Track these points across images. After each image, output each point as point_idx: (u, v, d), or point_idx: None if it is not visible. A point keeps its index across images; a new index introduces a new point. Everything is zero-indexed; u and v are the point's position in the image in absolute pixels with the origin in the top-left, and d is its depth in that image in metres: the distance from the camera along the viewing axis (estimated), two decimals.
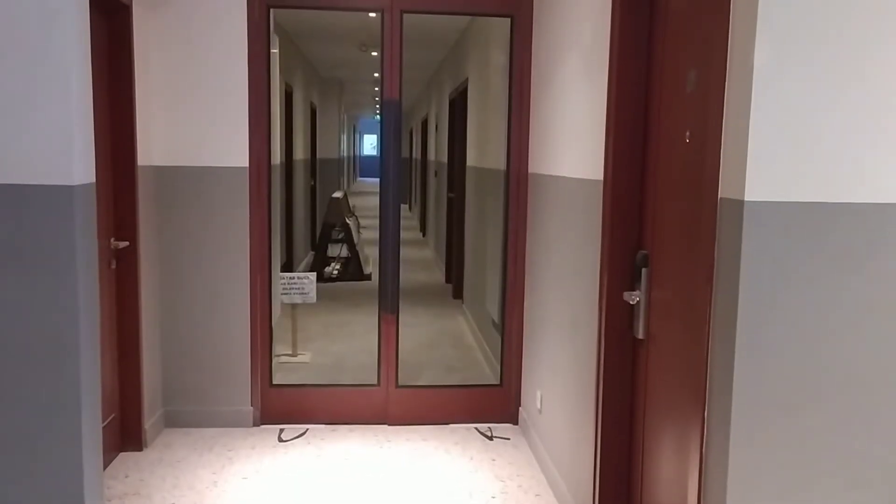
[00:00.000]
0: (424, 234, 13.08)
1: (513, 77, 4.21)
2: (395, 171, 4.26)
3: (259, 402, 4.26)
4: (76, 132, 1.83)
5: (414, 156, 16.10)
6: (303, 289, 5.53)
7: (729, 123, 1.85)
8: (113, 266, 3.64)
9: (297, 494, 3.49)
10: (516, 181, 4.26)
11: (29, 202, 1.79)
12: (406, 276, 9.34)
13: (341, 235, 9.03)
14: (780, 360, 1.80)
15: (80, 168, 1.84)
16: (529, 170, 4.17)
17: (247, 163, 4.07)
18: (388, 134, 4.24)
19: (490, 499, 3.48)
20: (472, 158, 6.71)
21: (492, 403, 4.41)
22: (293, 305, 5.48)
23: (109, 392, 3.63)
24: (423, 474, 3.74)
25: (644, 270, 2.64)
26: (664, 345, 2.52)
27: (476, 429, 4.33)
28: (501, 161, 4.49)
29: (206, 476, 3.64)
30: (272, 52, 4.26)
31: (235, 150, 4.05)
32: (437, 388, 4.49)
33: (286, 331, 5.61)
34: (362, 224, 9.90)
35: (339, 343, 6.04)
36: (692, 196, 2.23)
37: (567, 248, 3.38)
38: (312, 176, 10.49)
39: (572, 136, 3.30)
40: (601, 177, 2.83)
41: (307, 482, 3.62)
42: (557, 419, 3.52)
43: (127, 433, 3.81)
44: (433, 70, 9.90)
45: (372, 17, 4.29)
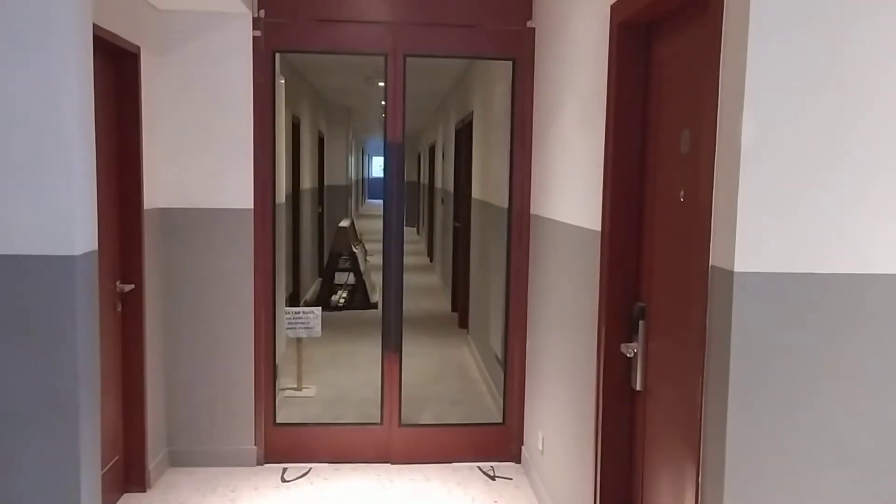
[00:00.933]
0: (432, 259, 13.12)
1: (514, 117, 4.25)
2: (399, 216, 4.29)
3: (262, 441, 4.28)
4: (78, 203, 1.87)
5: (422, 180, 16.20)
6: (308, 323, 5.57)
7: (718, 195, 1.88)
8: (119, 309, 3.69)
9: None
10: (518, 220, 4.29)
11: (31, 272, 1.83)
12: (412, 304, 9.37)
13: (348, 264, 9.08)
14: (771, 421, 1.82)
15: (82, 237, 1.88)
16: (531, 210, 4.20)
17: (251, 204, 4.13)
18: (392, 177, 4.29)
19: None
20: (476, 191, 6.75)
21: (494, 442, 4.42)
22: (299, 338, 5.51)
23: (113, 434, 3.67)
24: None
25: (641, 323, 2.65)
26: (661, 398, 2.53)
27: (479, 468, 4.34)
28: (504, 198, 4.53)
29: None
30: (279, 82, 4.32)
31: (240, 192, 4.10)
32: (441, 427, 4.50)
33: (292, 362, 5.64)
34: (370, 249, 9.95)
35: (345, 375, 6.06)
36: (686, 256, 2.25)
37: (566, 294, 3.40)
38: (320, 203, 10.56)
39: (572, 183, 3.34)
40: (599, 227, 2.85)
41: None
42: (558, 462, 3.53)
43: (130, 474, 3.84)
44: (440, 99, 9.97)
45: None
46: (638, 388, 2.67)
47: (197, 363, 4.17)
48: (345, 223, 9.63)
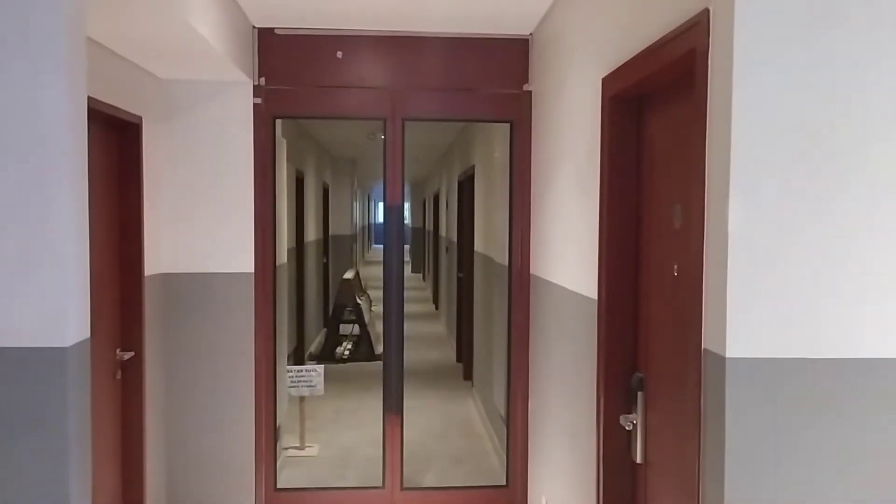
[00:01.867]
0: (437, 307, 13.10)
1: (513, 178, 4.29)
2: (398, 279, 4.31)
3: None
4: (71, 294, 1.88)
5: (427, 227, 16.26)
6: (310, 381, 5.55)
7: (709, 276, 1.88)
8: (118, 377, 3.68)
9: None
10: (518, 279, 4.29)
11: (20, 365, 1.83)
12: (417, 354, 9.33)
13: (352, 316, 9.07)
14: (768, 500, 1.79)
15: (75, 327, 1.89)
16: (531, 270, 4.21)
17: (252, 268, 4.14)
18: (392, 237, 4.31)
19: None
20: (479, 244, 6.77)
21: None
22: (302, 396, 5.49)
23: (112, 501, 3.63)
24: None
25: (640, 394, 2.63)
26: (662, 471, 2.50)
27: None
28: (505, 256, 4.54)
29: None
30: (280, 144, 4.37)
31: (241, 256, 4.13)
32: (443, 490, 4.45)
33: (295, 420, 5.61)
34: (375, 296, 9.94)
35: (348, 433, 6.01)
36: (680, 332, 2.24)
37: (566, 359, 3.39)
38: (325, 254, 10.59)
39: (569, 248, 3.34)
40: (595, 296, 2.85)
41: None
42: None
43: None
44: (444, 149, 10.06)
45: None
46: (638, 460, 2.64)
47: (197, 428, 4.15)
48: (349, 275, 9.65)
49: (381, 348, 7.82)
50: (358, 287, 9.73)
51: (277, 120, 4.22)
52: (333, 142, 9.82)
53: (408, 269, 19.13)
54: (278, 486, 4.33)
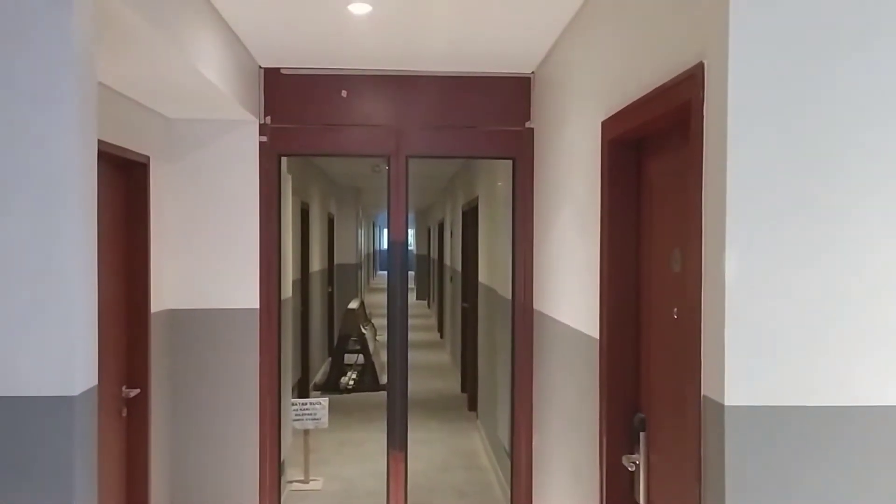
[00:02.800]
0: (442, 335, 13.10)
1: (516, 214, 4.33)
2: (403, 311, 4.33)
3: None
4: (78, 343, 1.91)
5: (432, 255, 16.31)
6: (315, 414, 5.56)
7: (707, 323, 1.90)
8: (124, 414, 3.71)
9: None
10: (521, 313, 4.31)
11: (28, 414, 1.85)
12: (422, 384, 9.31)
13: (357, 346, 9.08)
14: None
15: (82, 375, 1.92)
16: (535, 306, 4.23)
17: (257, 303, 4.18)
18: (396, 273, 4.34)
19: None
20: (483, 276, 6.79)
21: None
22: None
23: None
24: None
25: (642, 434, 2.64)
26: None
27: None
28: (508, 290, 4.56)
29: None
30: (285, 179, 4.42)
31: (247, 292, 4.17)
32: None
33: (299, 452, 5.61)
34: (379, 324, 9.96)
35: (352, 466, 6.00)
36: (680, 376, 2.26)
37: (569, 397, 3.40)
38: (330, 283, 10.64)
39: (571, 286, 3.37)
40: (597, 335, 2.87)
41: None
42: None
43: None
44: (448, 178, 10.13)
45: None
46: (641, 501, 2.64)
47: (202, 463, 4.16)
48: (354, 304, 9.67)
49: (385, 378, 7.84)
50: (362, 316, 9.76)
51: (283, 158, 4.28)
52: (338, 172, 9.91)
53: (412, 296, 19.16)
54: None
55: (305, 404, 5.52)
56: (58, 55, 1.92)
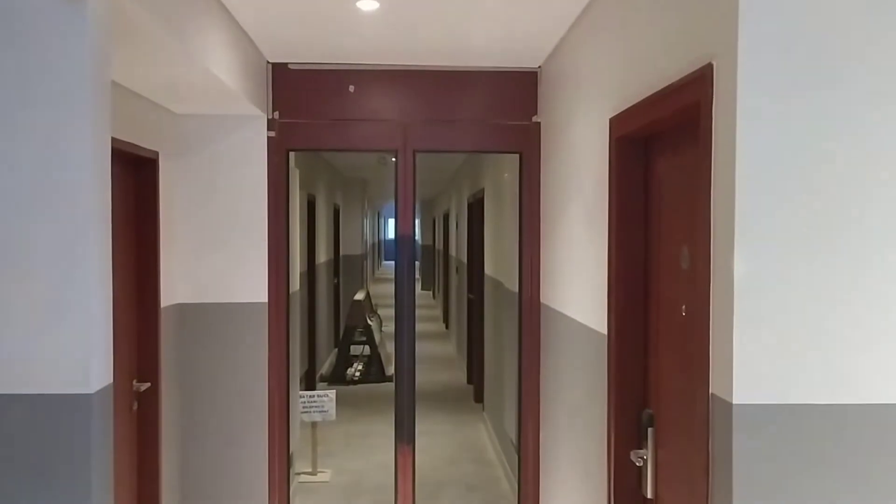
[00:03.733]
0: (447, 326, 13.13)
1: (523, 208, 4.34)
2: (410, 307, 4.35)
3: None
4: (96, 342, 1.93)
5: (437, 245, 16.32)
6: (322, 406, 5.59)
7: (715, 321, 1.92)
8: (134, 408, 3.74)
9: None
10: (528, 307, 4.33)
11: (45, 412, 1.88)
12: (428, 376, 9.33)
13: (363, 337, 9.12)
14: None
15: (98, 374, 1.95)
16: (542, 300, 4.25)
17: (266, 297, 4.21)
18: (403, 267, 4.36)
19: None
20: (489, 268, 6.81)
21: None
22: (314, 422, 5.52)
23: None
24: None
25: (650, 430, 2.66)
26: None
27: None
28: (515, 283, 4.58)
29: None
30: (293, 174, 4.44)
31: (256, 286, 4.19)
32: None
33: (307, 444, 5.65)
34: (385, 314, 9.98)
35: (360, 458, 6.04)
36: (688, 373, 2.28)
37: (577, 392, 3.42)
38: (335, 274, 10.67)
39: (578, 281, 3.39)
40: (605, 331, 2.89)
41: None
42: None
43: None
44: (454, 169, 10.12)
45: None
46: (649, 496, 2.66)
47: (212, 457, 4.20)
48: (359, 296, 9.70)
49: (391, 369, 7.89)
50: (368, 308, 9.78)
51: (291, 152, 4.29)
52: (345, 164, 9.92)
53: (418, 286, 19.19)
54: None
55: (313, 397, 5.54)
56: (73, 54, 1.93)
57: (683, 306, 2.38)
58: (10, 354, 1.92)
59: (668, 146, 2.53)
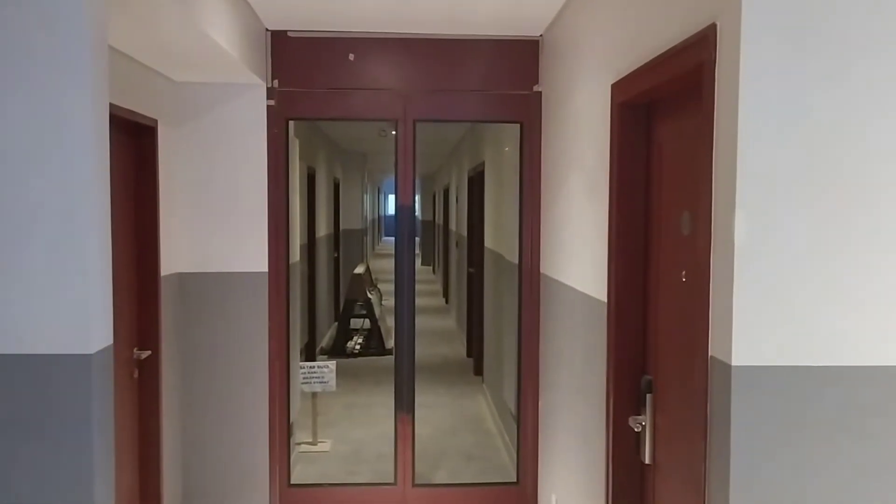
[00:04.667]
0: (447, 301, 13.15)
1: (523, 178, 4.32)
2: (410, 279, 4.35)
3: (277, 502, 4.31)
4: (95, 303, 1.94)
5: (437, 220, 16.30)
6: (322, 377, 5.61)
7: (715, 285, 1.92)
8: (135, 376, 3.76)
9: None
10: (528, 278, 4.33)
11: (45, 372, 1.89)
12: (428, 349, 9.37)
13: (363, 310, 9.14)
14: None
15: (98, 334, 1.95)
16: (542, 270, 4.25)
17: (266, 267, 4.21)
18: (403, 238, 4.36)
19: None
20: (489, 241, 6.81)
21: (508, 502, 4.41)
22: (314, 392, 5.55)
23: (129, 499, 3.71)
24: None
25: (649, 396, 2.67)
26: (670, 472, 2.54)
27: None
28: (515, 254, 4.58)
29: None
30: (293, 144, 4.42)
31: (255, 256, 4.19)
32: (455, 487, 4.51)
33: (307, 415, 5.69)
34: (385, 289, 9.99)
35: (360, 428, 6.08)
36: (687, 338, 2.28)
37: (576, 360, 3.43)
38: (336, 248, 10.66)
39: (579, 249, 3.38)
40: (605, 299, 2.89)
41: None
42: None
43: None
44: (454, 143, 10.08)
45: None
46: (647, 461, 2.68)
47: (213, 426, 4.22)
48: (359, 269, 9.71)
49: (391, 342, 7.92)
50: (368, 281, 9.79)
51: (290, 122, 4.27)
52: (344, 137, 9.87)
53: (418, 261, 19.19)
54: (292, 481, 4.40)
55: (313, 367, 5.56)
56: (70, 19, 1.92)
57: (683, 272, 2.38)
58: (11, 316, 1.93)
59: (670, 111, 2.51)
